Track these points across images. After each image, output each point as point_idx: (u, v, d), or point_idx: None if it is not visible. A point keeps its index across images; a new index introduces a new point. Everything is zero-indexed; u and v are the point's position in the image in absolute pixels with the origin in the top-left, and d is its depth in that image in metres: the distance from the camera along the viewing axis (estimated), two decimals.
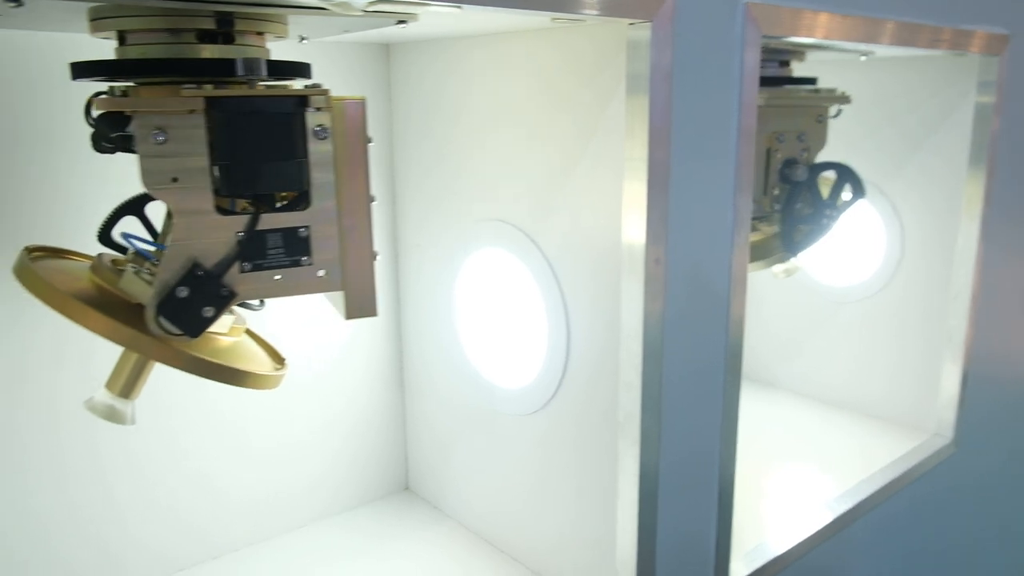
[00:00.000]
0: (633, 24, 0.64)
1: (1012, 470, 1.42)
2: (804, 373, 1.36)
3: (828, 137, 1.02)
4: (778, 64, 0.99)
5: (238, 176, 0.53)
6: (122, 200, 0.64)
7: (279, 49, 0.62)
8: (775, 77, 0.99)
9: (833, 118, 1.03)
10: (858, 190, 1.01)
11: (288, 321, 0.91)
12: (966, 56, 1.06)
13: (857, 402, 1.29)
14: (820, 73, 1.04)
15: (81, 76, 0.56)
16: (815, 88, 1.01)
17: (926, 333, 1.18)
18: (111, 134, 0.55)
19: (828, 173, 1.02)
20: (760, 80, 0.75)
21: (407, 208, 0.98)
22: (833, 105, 1.02)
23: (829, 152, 1.03)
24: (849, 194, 1.01)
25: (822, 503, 1.01)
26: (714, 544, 0.83)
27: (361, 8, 0.52)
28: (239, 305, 0.59)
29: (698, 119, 0.70)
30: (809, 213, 0.99)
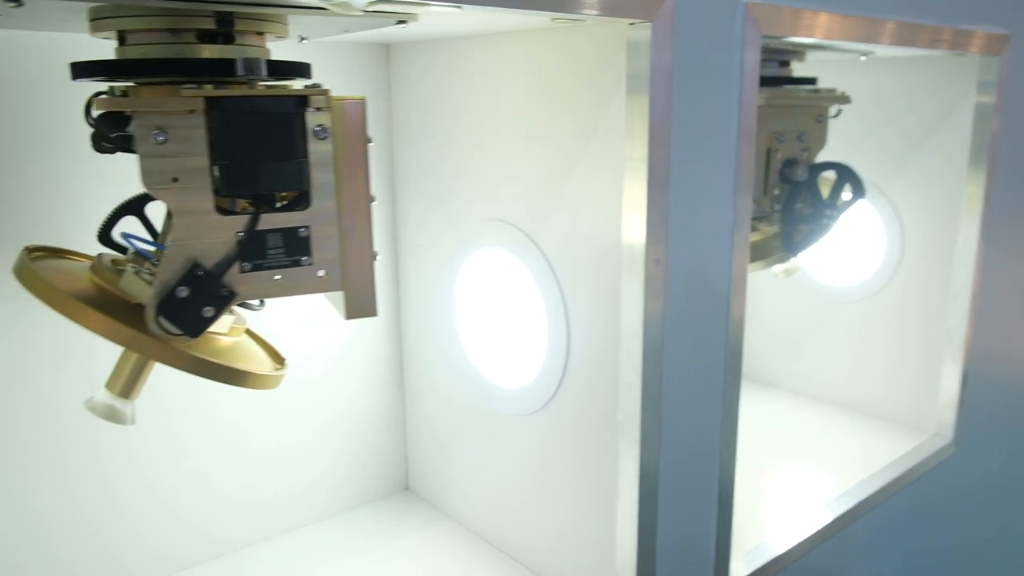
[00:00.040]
0: (633, 24, 0.64)
1: (1012, 470, 1.42)
2: (804, 373, 1.36)
3: (828, 137, 1.02)
4: (778, 64, 0.99)
5: (238, 176, 0.54)
6: (122, 200, 0.64)
7: (279, 49, 0.62)
8: (775, 77, 0.99)
9: (833, 118, 1.03)
10: (858, 190, 1.01)
11: (288, 321, 0.91)
12: (966, 56, 1.06)
13: (857, 402, 1.29)
14: (820, 73, 1.04)
15: (81, 76, 0.56)
16: (815, 88, 1.01)
17: (926, 333, 1.18)
18: (111, 134, 0.55)
19: (828, 173, 1.02)
20: (760, 80, 0.75)
21: (407, 208, 0.98)
22: (833, 105, 1.02)
23: (829, 152, 1.03)
24: (849, 194, 1.02)
25: (822, 503, 1.01)
26: (714, 544, 0.83)
27: (361, 8, 0.52)
28: (239, 305, 0.59)
29: (698, 119, 0.70)
30: (809, 213, 0.99)
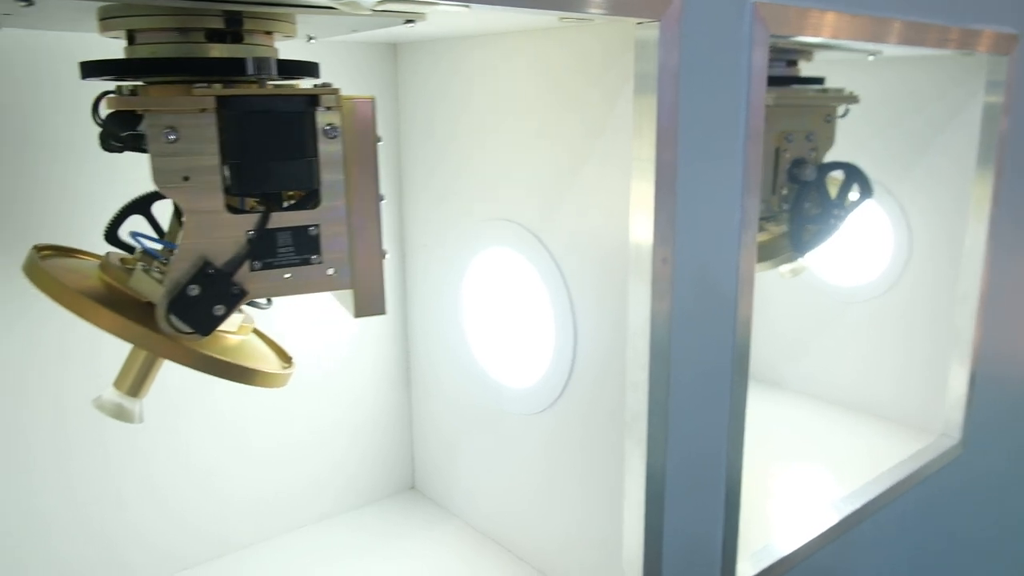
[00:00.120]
0: (641, 23, 0.64)
1: (1020, 471, 1.42)
2: (811, 373, 1.36)
3: (836, 137, 1.02)
4: (786, 64, 0.99)
5: (249, 175, 0.54)
6: (129, 199, 0.64)
7: (287, 48, 0.62)
8: (783, 77, 0.98)
9: (841, 118, 1.02)
10: (866, 190, 1.01)
11: (295, 320, 0.91)
12: (974, 56, 1.06)
13: (864, 403, 1.29)
14: (827, 73, 1.04)
15: (91, 75, 0.56)
16: (823, 88, 1.01)
17: (933, 334, 1.18)
18: (121, 133, 0.55)
19: (836, 173, 1.01)
20: (768, 80, 0.75)
21: (414, 207, 0.98)
22: (841, 105, 1.02)
23: (837, 152, 1.02)
24: (857, 194, 1.01)
25: (829, 504, 1.01)
26: (721, 544, 0.83)
27: (370, 8, 0.52)
28: (247, 304, 0.59)
29: (706, 119, 0.70)
30: (817, 213, 0.99)
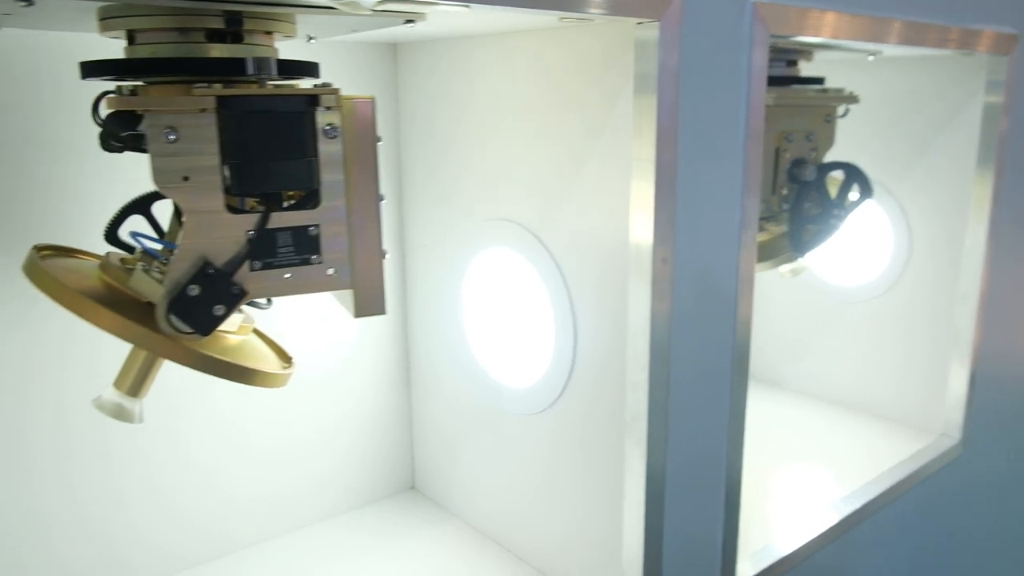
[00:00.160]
0: (641, 23, 0.64)
1: (1020, 471, 1.42)
2: (811, 373, 1.36)
3: (836, 137, 1.02)
4: (785, 64, 0.99)
5: (249, 175, 0.54)
6: (128, 199, 0.64)
7: (286, 49, 0.62)
8: (783, 77, 0.98)
9: (841, 117, 1.02)
10: (866, 190, 1.01)
11: (295, 320, 0.91)
12: (974, 56, 1.06)
13: (864, 403, 1.29)
14: (827, 73, 1.04)
15: (91, 75, 0.56)
16: (823, 88, 1.01)
17: (933, 334, 1.18)
18: (121, 133, 0.55)
19: (836, 173, 1.01)
20: (768, 80, 0.75)
21: (414, 207, 0.98)
22: (841, 104, 1.02)
23: (837, 152, 1.02)
24: (857, 194, 1.01)
25: (829, 504, 1.01)
26: (721, 544, 0.83)
27: (370, 8, 0.52)
28: (247, 304, 0.59)
29: (706, 119, 0.70)
30: (817, 213, 0.99)
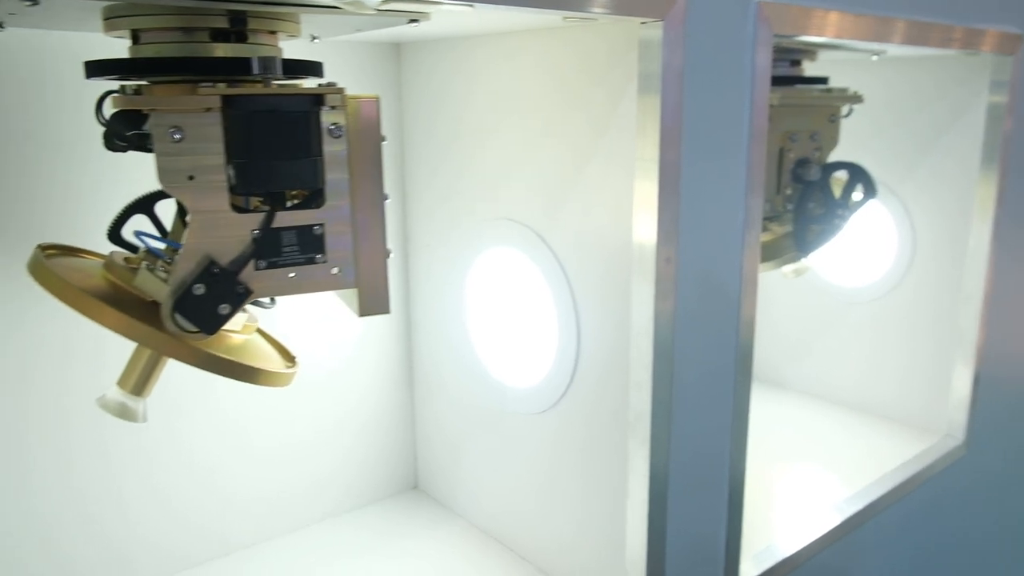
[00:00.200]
0: (645, 23, 0.64)
1: (1023, 472, 1.42)
2: (814, 374, 1.36)
3: (840, 137, 1.02)
4: (789, 63, 0.99)
5: (254, 174, 0.54)
6: (132, 199, 0.64)
7: (290, 48, 0.62)
8: (787, 76, 0.98)
9: (844, 117, 1.02)
10: (870, 190, 1.01)
11: (298, 320, 0.91)
12: (979, 55, 1.05)
13: (867, 403, 1.28)
14: (831, 73, 1.04)
15: (95, 75, 0.56)
16: (827, 87, 1.01)
17: (937, 334, 1.17)
18: (126, 132, 0.55)
19: (840, 173, 1.01)
20: (772, 79, 0.75)
21: (417, 207, 0.98)
22: (845, 104, 1.02)
23: (840, 152, 1.02)
24: (861, 194, 1.01)
25: (832, 504, 1.01)
26: (724, 545, 0.83)
27: (374, 7, 0.52)
28: (251, 303, 0.59)
29: (710, 119, 0.70)
30: (821, 213, 0.99)
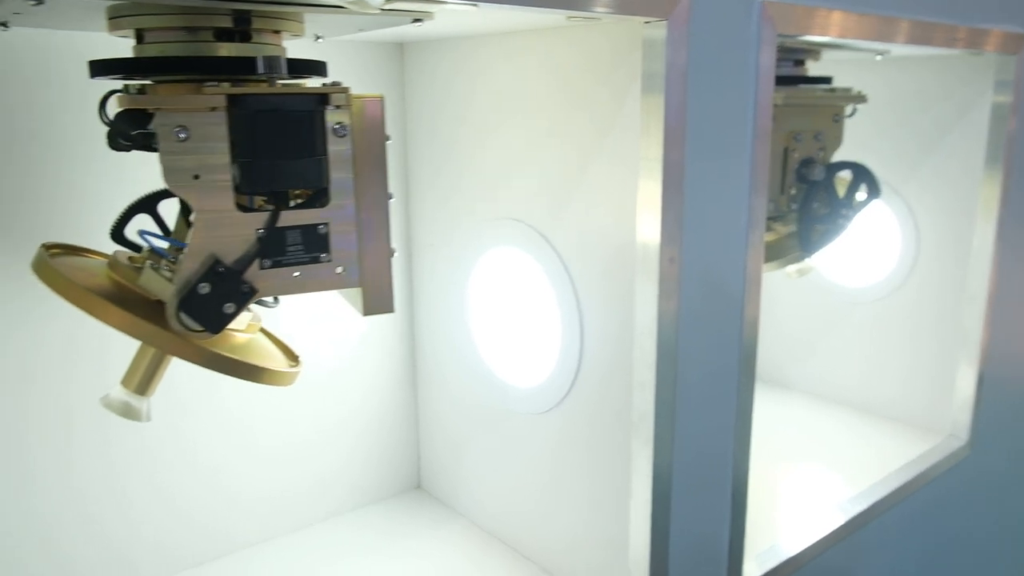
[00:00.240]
0: (648, 23, 0.64)
1: None
2: (817, 374, 1.35)
3: (844, 137, 1.02)
4: (793, 63, 0.98)
5: (259, 173, 0.54)
6: (135, 198, 0.64)
7: (294, 48, 0.62)
8: (791, 76, 0.98)
9: (848, 117, 1.02)
10: (874, 190, 1.01)
11: (301, 320, 0.91)
12: (982, 55, 1.05)
13: (871, 403, 1.28)
14: (835, 73, 1.03)
15: (100, 74, 0.56)
16: (831, 87, 1.00)
17: (941, 334, 1.17)
18: (131, 131, 0.55)
19: (844, 172, 1.01)
20: (776, 79, 0.75)
21: (421, 207, 0.98)
22: (849, 104, 1.02)
23: (844, 152, 1.02)
24: (864, 194, 1.01)
25: (835, 505, 1.01)
26: (727, 545, 0.83)
27: (378, 7, 0.52)
28: (255, 302, 0.59)
29: (713, 118, 0.70)
30: (825, 213, 0.99)
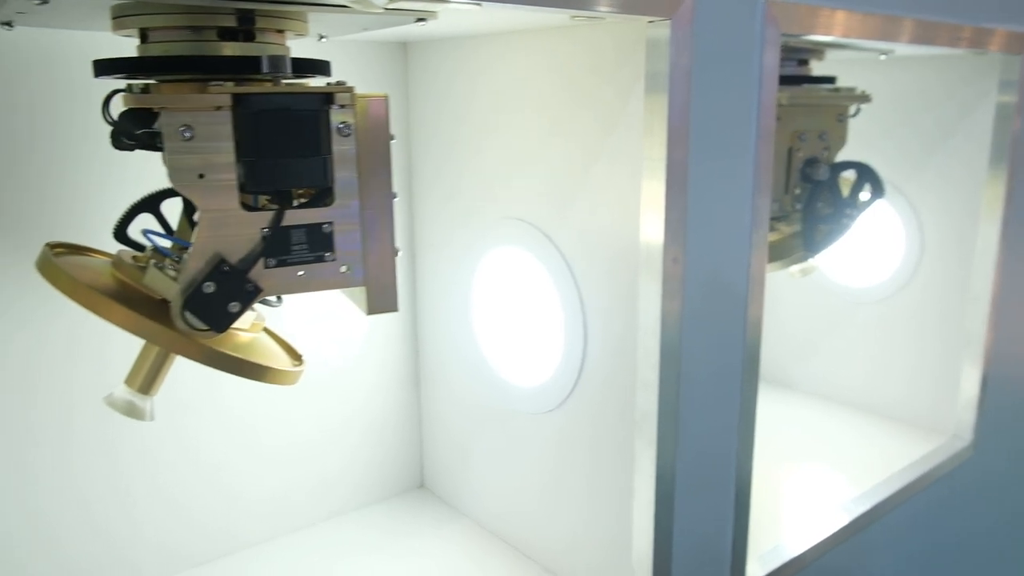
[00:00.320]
0: (652, 22, 0.64)
1: None
2: (821, 374, 1.35)
3: (848, 136, 1.02)
4: (797, 63, 0.98)
5: (263, 172, 0.54)
6: (138, 197, 0.64)
7: (297, 47, 0.62)
8: (795, 76, 0.98)
9: (852, 117, 1.02)
10: (877, 189, 1.01)
11: (305, 319, 0.91)
12: (987, 55, 1.05)
13: (874, 404, 1.28)
14: (838, 72, 1.03)
15: (104, 73, 0.56)
16: (835, 87, 1.00)
17: (944, 334, 1.17)
18: (136, 131, 0.55)
19: (848, 172, 1.01)
20: (780, 79, 0.75)
21: (424, 206, 0.98)
22: (853, 104, 1.01)
23: (848, 152, 1.02)
24: (868, 194, 1.01)
25: (839, 505, 1.01)
26: (730, 545, 0.83)
27: (382, 6, 0.52)
28: (259, 301, 0.59)
29: (717, 118, 0.70)
30: (830, 212, 0.99)
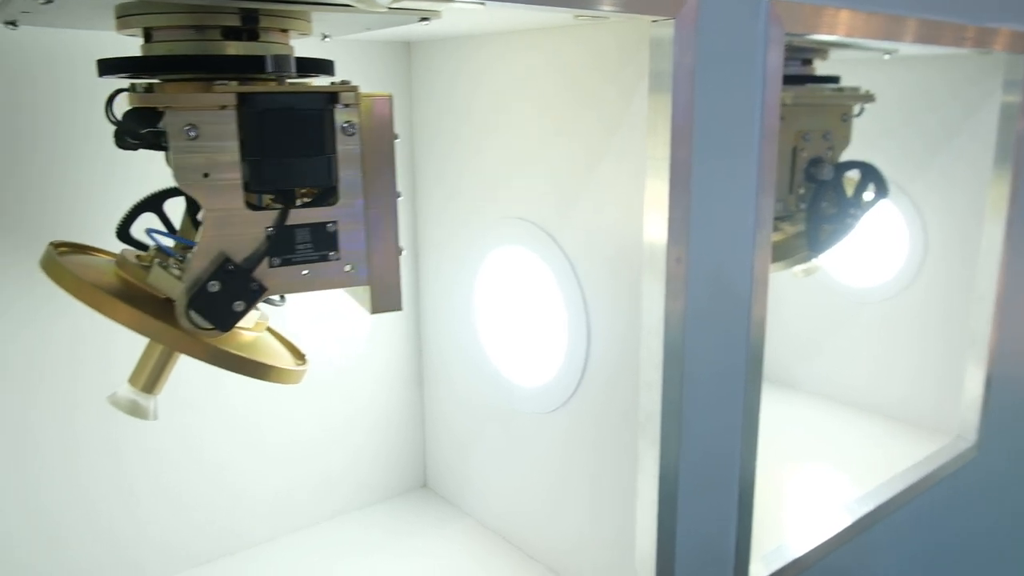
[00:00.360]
0: (656, 21, 0.64)
1: None
2: (824, 374, 1.35)
3: (852, 136, 1.01)
4: (801, 62, 0.98)
5: (268, 171, 0.54)
6: (141, 197, 0.64)
7: (301, 47, 0.62)
8: (798, 75, 0.98)
9: (856, 116, 1.02)
10: (881, 189, 1.00)
11: (308, 318, 0.91)
12: (991, 54, 1.05)
13: (878, 404, 1.28)
14: (842, 72, 1.03)
15: (109, 73, 0.56)
16: (839, 87, 1.00)
17: (948, 335, 1.17)
18: (140, 130, 0.55)
19: (852, 172, 1.01)
20: (783, 78, 0.75)
21: (427, 205, 0.98)
22: (857, 103, 1.01)
23: (851, 152, 1.02)
24: (872, 193, 1.01)
25: (842, 505, 1.00)
26: (734, 545, 0.83)
27: (386, 5, 0.52)
28: (262, 300, 0.59)
29: (721, 118, 0.70)
30: (833, 212, 0.99)
